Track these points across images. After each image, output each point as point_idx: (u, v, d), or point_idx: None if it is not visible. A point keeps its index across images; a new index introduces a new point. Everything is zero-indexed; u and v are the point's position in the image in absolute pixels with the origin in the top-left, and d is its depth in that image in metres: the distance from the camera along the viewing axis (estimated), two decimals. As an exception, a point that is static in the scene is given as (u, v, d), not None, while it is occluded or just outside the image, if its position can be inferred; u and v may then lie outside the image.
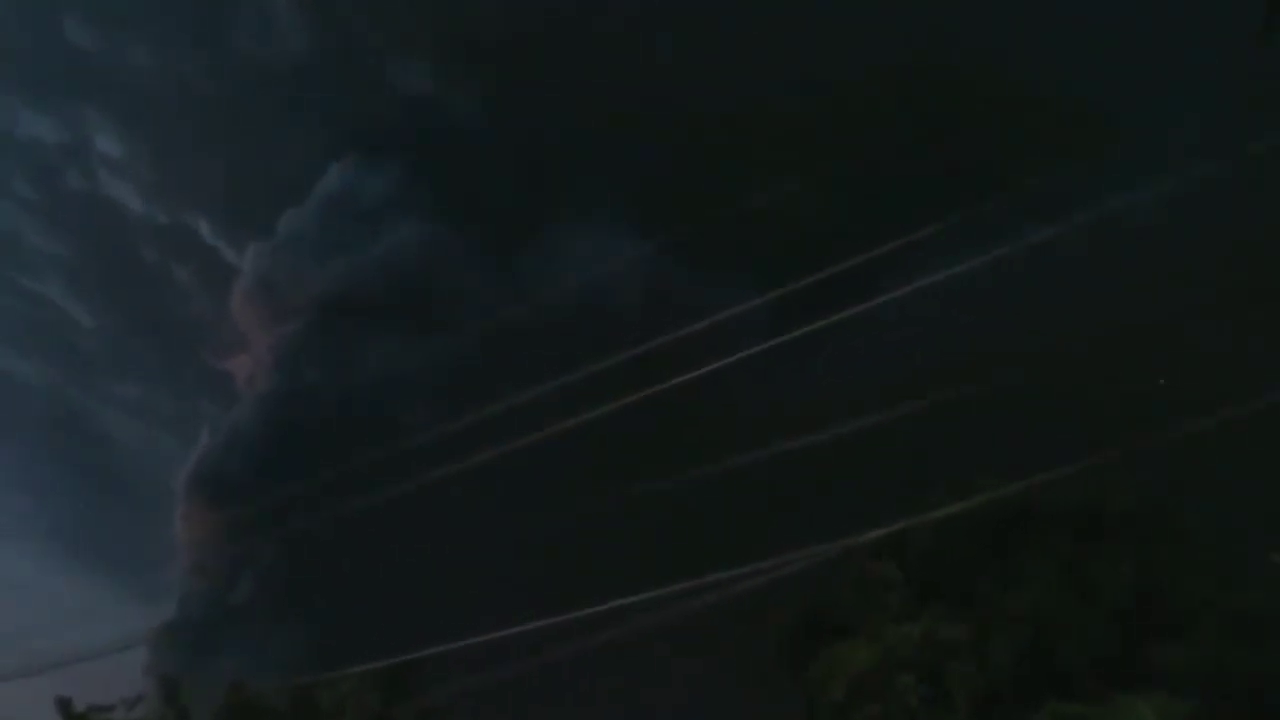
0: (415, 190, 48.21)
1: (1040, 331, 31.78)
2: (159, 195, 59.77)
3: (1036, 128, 34.15)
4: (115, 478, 64.56)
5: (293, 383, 45.10)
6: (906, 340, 32.78)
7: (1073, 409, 28.21)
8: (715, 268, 37.56)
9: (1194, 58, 31.54)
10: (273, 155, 52.49)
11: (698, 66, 40.42)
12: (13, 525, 61.19)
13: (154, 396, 66.10)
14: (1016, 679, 20.75)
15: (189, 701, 30.86)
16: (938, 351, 32.01)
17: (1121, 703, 19.49)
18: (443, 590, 33.78)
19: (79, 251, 63.62)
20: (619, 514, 31.58)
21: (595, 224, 43.30)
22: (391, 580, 35.65)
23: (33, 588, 59.31)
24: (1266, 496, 23.13)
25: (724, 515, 32.16)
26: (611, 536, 33.28)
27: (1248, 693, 19.51)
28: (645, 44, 41.33)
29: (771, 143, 38.70)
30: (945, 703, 20.77)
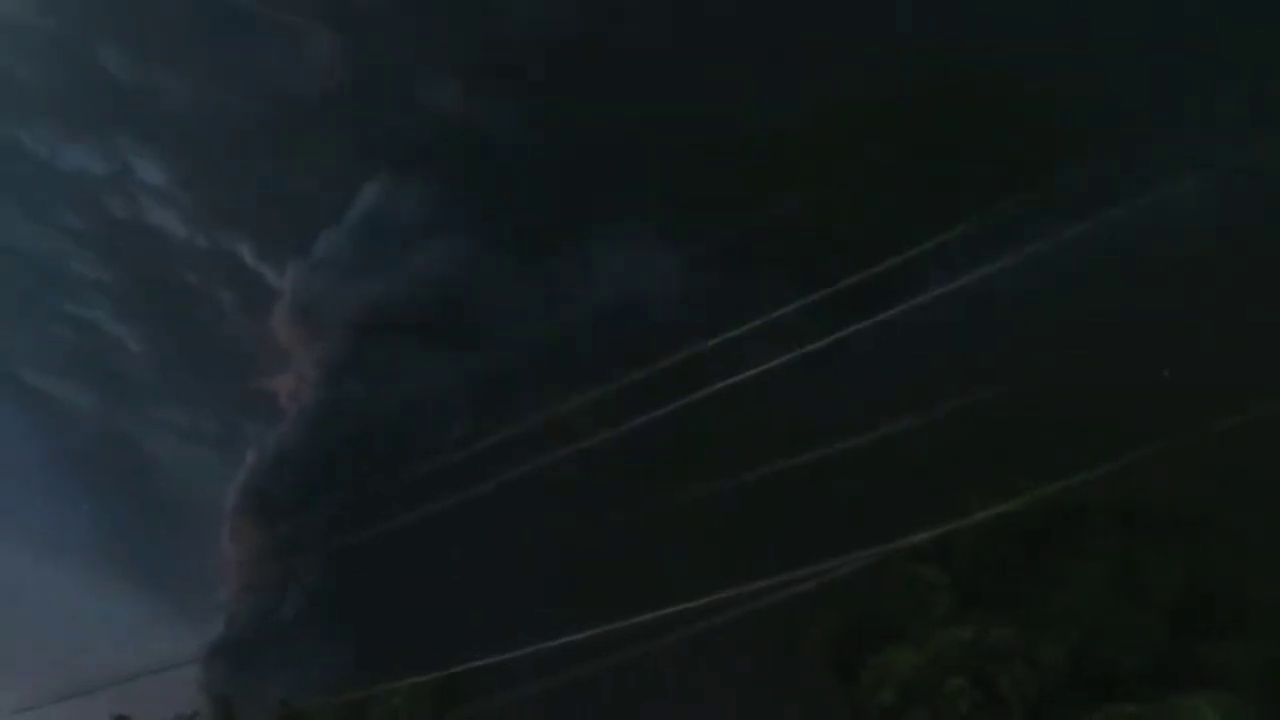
0: (449, 206, 48.61)
1: (1078, 329, 31.49)
2: (200, 221, 60.80)
3: (1063, 127, 33.84)
4: (162, 498, 65.42)
5: (335, 400, 45.59)
6: (944, 342, 32.58)
7: (1116, 406, 27.88)
8: (751, 276, 37.53)
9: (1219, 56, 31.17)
10: (309, 176, 53.09)
11: (726, 76, 40.50)
12: (63, 548, 62.19)
13: (199, 418, 66.99)
14: (1069, 681, 20.56)
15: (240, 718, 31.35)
16: (977, 352, 31.77)
17: (1181, 705, 19.25)
18: (489, 602, 33.97)
19: (124, 278, 64.81)
20: (660, 523, 31.65)
21: (630, 235, 43.42)
22: (438, 593, 35.87)
23: (84, 609, 60.29)
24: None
25: (766, 522, 32.07)
26: (653, 546, 33.31)
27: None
28: (674, 55, 41.48)
29: (802, 151, 38.65)
30: (997, 706, 20.61)
